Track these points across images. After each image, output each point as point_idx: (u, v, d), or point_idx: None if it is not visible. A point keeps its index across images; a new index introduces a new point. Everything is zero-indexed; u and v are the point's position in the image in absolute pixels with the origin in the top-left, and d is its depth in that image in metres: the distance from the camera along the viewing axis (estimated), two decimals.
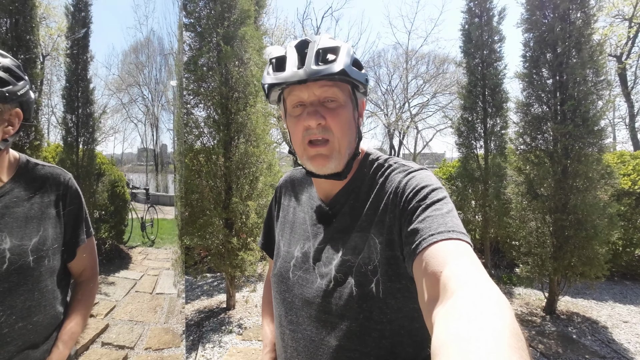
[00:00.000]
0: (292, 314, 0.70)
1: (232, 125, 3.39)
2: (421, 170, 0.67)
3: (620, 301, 3.90)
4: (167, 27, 24.89)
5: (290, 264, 0.74)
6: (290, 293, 0.71)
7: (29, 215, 0.87)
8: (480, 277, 0.44)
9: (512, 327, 0.36)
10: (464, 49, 5.07)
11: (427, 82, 19.09)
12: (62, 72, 10.79)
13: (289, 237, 0.79)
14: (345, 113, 0.68)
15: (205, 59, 3.40)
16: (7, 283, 0.79)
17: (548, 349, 2.84)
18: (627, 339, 3.04)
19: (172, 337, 2.97)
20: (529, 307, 3.69)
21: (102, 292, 3.96)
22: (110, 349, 2.76)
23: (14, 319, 0.80)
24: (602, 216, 3.20)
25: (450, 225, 0.53)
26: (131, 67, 22.35)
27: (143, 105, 23.34)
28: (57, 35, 9.36)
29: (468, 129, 4.98)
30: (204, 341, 2.91)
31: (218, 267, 3.38)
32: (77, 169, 4.65)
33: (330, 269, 0.66)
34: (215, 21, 3.36)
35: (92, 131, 4.83)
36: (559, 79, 3.39)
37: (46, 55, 9.10)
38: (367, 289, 0.61)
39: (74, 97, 4.74)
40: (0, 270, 0.78)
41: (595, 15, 3.30)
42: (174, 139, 5.27)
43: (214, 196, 3.37)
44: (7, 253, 0.80)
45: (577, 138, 3.23)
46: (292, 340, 0.69)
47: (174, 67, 4.12)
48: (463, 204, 4.97)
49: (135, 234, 6.93)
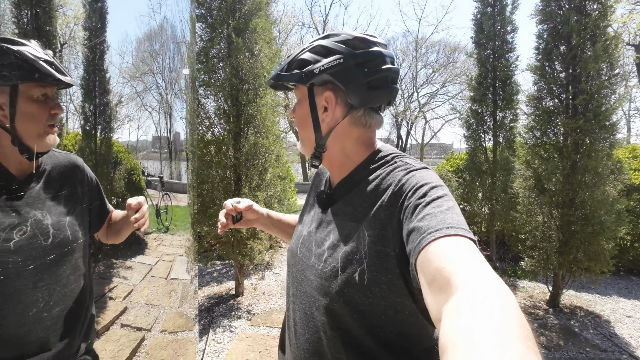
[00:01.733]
0: (294, 287, 0.78)
1: (242, 116, 3.43)
2: (423, 169, 0.68)
3: (625, 296, 3.92)
4: (180, 15, 24.80)
5: (299, 241, 0.81)
6: (296, 267, 0.79)
7: (60, 196, 0.98)
8: (482, 270, 0.45)
9: (517, 318, 0.36)
10: (476, 39, 4.99)
11: (437, 71, 18.80)
12: (79, 61, 10.88)
13: (304, 217, 0.88)
14: (299, 110, 0.77)
15: (215, 50, 3.43)
16: (54, 254, 0.90)
17: (550, 341, 2.90)
18: (629, 333, 3.08)
19: (185, 321, 3.10)
20: (532, 300, 3.74)
21: (120, 276, 4.14)
22: (129, 330, 2.90)
23: (59, 287, 0.91)
24: (609, 212, 3.20)
25: (450, 222, 0.53)
26: (145, 55, 22.48)
27: (157, 94, 23.55)
28: (74, 24, 9.45)
29: (477, 122, 4.95)
30: (214, 326, 3.04)
31: (227, 255, 3.49)
32: (95, 156, 4.80)
33: (323, 250, 0.71)
34: (227, 12, 3.37)
35: (109, 120, 4.95)
36: (572, 72, 3.34)
37: (64, 43, 9.22)
38: (350, 276, 0.63)
39: (92, 87, 4.84)
40: (47, 243, 0.89)
41: (612, 6, 3.22)
42: (187, 129, 5.36)
43: (224, 186, 3.45)
44: (50, 228, 0.90)
45: (587, 133, 3.20)
46: (293, 311, 0.77)
47: (187, 57, 4.15)
48: (470, 196, 4.99)
49: (151, 220, 7.11)
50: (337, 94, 0.71)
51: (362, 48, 0.69)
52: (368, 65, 0.69)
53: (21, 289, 0.83)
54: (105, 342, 2.67)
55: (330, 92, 0.71)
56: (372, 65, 0.69)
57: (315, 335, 0.70)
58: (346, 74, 0.68)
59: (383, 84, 0.70)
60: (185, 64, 11.78)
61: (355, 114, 0.72)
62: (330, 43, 0.70)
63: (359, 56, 0.68)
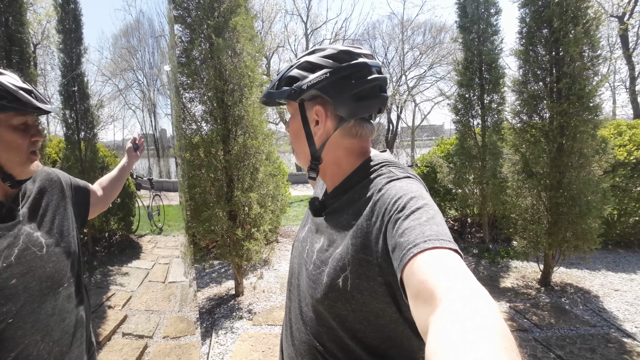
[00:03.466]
0: (292, 285, 0.84)
1: (229, 118, 3.40)
2: (405, 178, 0.69)
3: (613, 269, 4.06)
4: (156, 8, 24.01)
5: (299, 243, 0.87)
6: (293, 267, 0.86)
7: (49, 207, 1.02)
8: (463, 281, 0.45)
9: (500, 328, 0.37)
10: (460, 23, 4.96)
11: (424, 53, 18.65)
12: (55, 61, 10.50)
13: (303, 220, 0.94)
14: (292, 125, 0.80)
15: (197, 52, 3.36)
16: (51, 262, 0.94)
17: (542, 320, 3.01)
18: (617, 307, 3.21)
19: (187, 325, 3.14)
20: (524, 280, 3.86)
21: (117, 283, 4.14)
22: (131, 339, 2.94)
23: (67, 294, 0.97)
24: (595, 192, 3.29)
25: (429, 234, 0.53)
26: (123, 52, 21.84)
27: (139, 91, 23.02)
28: (47, 22, 9.08)
29: (465, 106, 4.97)
30: (217, 328, 3.08)
31: (225, 257, 3.52)
32: (81, 164, 4.74)
33: (314, 252, 0.75)
34: (205, 12, 3.29)
35: (92, 126, 4.85)
36: (555, 56, 3.36)
37: (37, 44, 8.88)
38: (335, 281, 0.66)
39: (71, 93, 4.72)
40: (42, 252, 0.93)
41: None
42: (174, 132, 5.29)
43: (215, 189, 3.44)
44: (41, 239, 0.94)
45: (572, 116, 3.24)
46: (289, 309, 0.84)
47: (168, 58, 4.06)
48: (461, 180, 5.06)
49: (144, 222, 7.08)
50: (326, 108, 0.72)
51: (347, 61, 0.71)
52: (354, 77, 0.70)
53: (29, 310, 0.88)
54: (108, 352, 2.70)
55: (320, 106, 0.72)
56: (359, 76, 0.70)
57: (306, 332, 0.74)
58: (333, 87, 0.70)
59: (371, 93, 0.72)
60: (166, 59, 11.42)
61: (346, 125, 0.73)
62: (316, 58, 0.72)
63: (345, 69, 0.70)
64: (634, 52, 12.88)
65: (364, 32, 20.99)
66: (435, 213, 0.58)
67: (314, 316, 0.71)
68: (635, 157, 4.49)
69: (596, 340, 2.68)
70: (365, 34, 20.78)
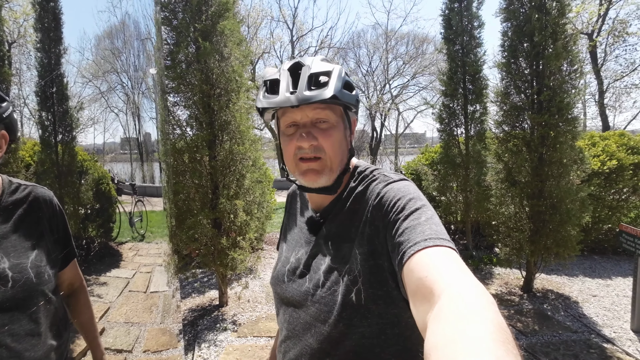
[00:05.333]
0: (287, 314, 0.77)
1: (215, 123, 3.32)
2: (401, 180, 0.69)
3: (590, 275, 4.21)
4: (143, 10, 23.85)
5: (285, 269, 0.80)
6: (284, 295, 0.78)
7: (22, 235, 0.90)
8: (461, 276, 0.46)
9: (496, 322, 0.37)
10: (445, 35, 5.09)
11: (407, 63, 19.09)
12: (31, 61, 10.07)
13: (288, 243, 0.86)
14: (337, 133, 0.72)
15: (183, 55, 3.28)
16: (15, 299, 0.83)
17: (526, 326, 3.06)
18: (595, 312, 3.31)
19: (169, 337, 3.00)
20: (508, 287, 3.93)
21: (94, 294, 3.92)
22: (109, 353, 2.77)
23: (24, 332, 0.84)
24: (574, 200, 3.40)
25: (428, 234, 0.54)
26: (106, 53, 21.23)
27: (123, 94, 22.40)
28: (23, 20, 8.69)
29: (449, 116, 5.08)
30: (199, 341, 2.96)
31: (208, 266, 3.40)
32: (57, 168, 4.49)
33: (319, 275, 0.71)
34: (192, 15, 3.22)
35: (71, 129, 4.63)
36: (536, 69, 3.48)
37: (12, 42, 8.47)
38: (347, 298, 0.64)
39: (49, 95, 4.50)
40: (6, 288, 0.81)
41: (569, 4, 3.38)
42: (159, 137, 5.14)
43: (200, 196, 3.34)
44: (8, 272, 0.83)
45: (552, 127, 3.36)
46: (286, 339, 0.76)
47: (154, 61, 3.96)
48: (445, 188, 5.14)
49: (124, 228, 6.79)
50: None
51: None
52: None
53: None
54: None
55: (356, 117, 0.79)
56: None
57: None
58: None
59: None
60: (152, 62, 11.17)
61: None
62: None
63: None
64: (602, 67, 13.65)
65: (349, 41, 21.35)
66: (432, 214, 0.60)
67: (323, 346, 0.67)
68: (608, 167, 4.69)
69: (578, 346, 2.74)
70: (351, 43, 21.13)
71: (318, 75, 0.69)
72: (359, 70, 20.57)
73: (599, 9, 12.07)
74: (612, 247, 4.90)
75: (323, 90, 0.66)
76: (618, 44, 13.25)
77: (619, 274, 4.23)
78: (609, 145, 4.90)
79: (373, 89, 20.16)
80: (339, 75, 0.69)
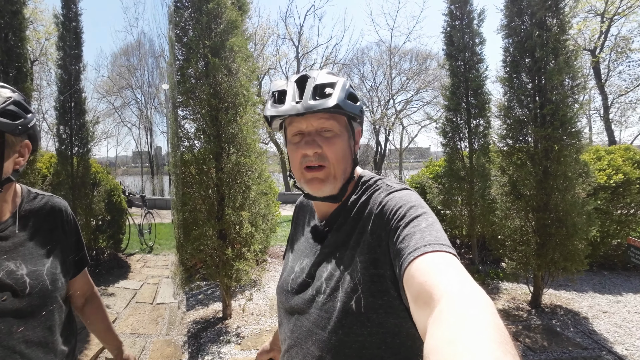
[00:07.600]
0: (290, 322, 0.77)
1: (222, 136, 3.39)
2: (403, 190, 0.70)
3: (600, 291, 4.12)
4: (157, 29, 24.87)
5: (290, 278, 0.81)
6: (289, 303, 0.79)
7: (38, 243, 0.94)
8: (460, 280, 0.47)
9: (494, 323, 0.38)
10: (447, 51, 5.19)
11: (411, 78, 19.35)
12: (52, 77, 10.44)
13: (294, 253, 0.87)
14: (340, 142, 0.74)
15: (192, 70, 3.39)
16: (31, 306, 0.85)
17: (534, 342, 3.00)
18: (606, 329, 3.23)
19: (174, 349, 2.98)
20: (515, 302, 3.86)
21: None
22: None
23: (37, 338, 0.86)
24: (580, 213, 3.38)
25: (429, 239, 0.55)
26: (122, 70, 22.01)
27: (136, 109, 23.06)
28: (45, 39, 9.07)
29: (452, 130, 5.12)
30: (203, 353, 2.94)
31: (213, 278, 3.41)
32: (72, 179, 4.62)
33: (321, 282, 0.72)
34: (202, 32, 3.35)
35: (87, 141, 4.78)
36: (538, 83, 3.53)
37: (34, 60, 8.82)
38: (347, 305, 0.64)
39: (67, 109, 4.68)
40: (24, 293, 0.84)
41: (569, 22, 3.45)
42: (169, 149, 5.27)
43: (206, 207, 3.38)
44: (26, 278, 0.86)
45: (556, 140, 3.38)
46: (290, 348, 0.76)
47: (167, 76, 4.10)
48: (450, 201, 5.12)
49: (134, 240, 6.83)
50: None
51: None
52: None
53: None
54: None
55: (360, 128, 0.81)
56: None
57: None
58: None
59: None
60: (165, 78, 11.49)
61: None
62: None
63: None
64: (606, 83, 13.72)
65: (354, 58, 21.74)
66: (434, 221, 0.61)
67: (323, 354, 0.67)
68: (614, 181, 4.66)
69: None
70: (355, 59, 21.53)
71: (323, 86, 0.73)
72: (363, 86, 20.90)
73: (600, 26, 12.24)
74: (621, 263, 4.81)
75: (327, 100, 0.70)
76: (621, 60, 13.35)
77: (629, 289, 4.14)
78: (615, 159, 4.88)
79: (377, 104, 20.41)
80: (343, 87, 0.73)
